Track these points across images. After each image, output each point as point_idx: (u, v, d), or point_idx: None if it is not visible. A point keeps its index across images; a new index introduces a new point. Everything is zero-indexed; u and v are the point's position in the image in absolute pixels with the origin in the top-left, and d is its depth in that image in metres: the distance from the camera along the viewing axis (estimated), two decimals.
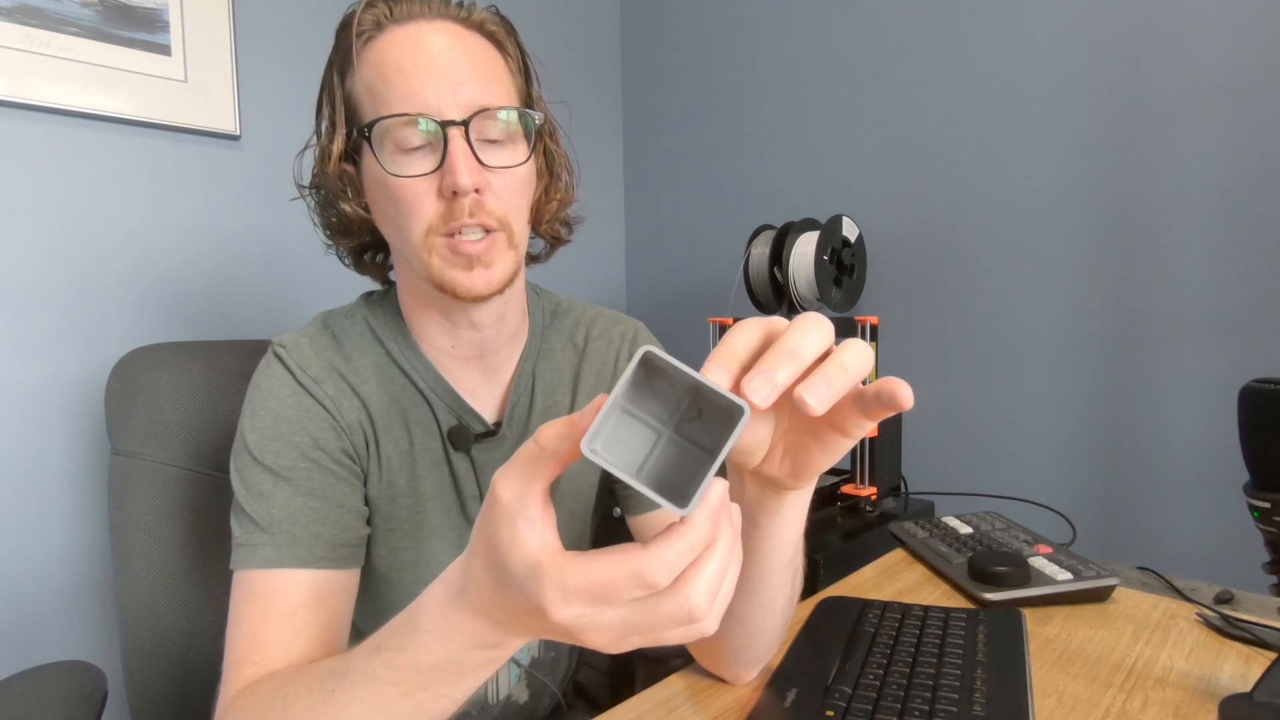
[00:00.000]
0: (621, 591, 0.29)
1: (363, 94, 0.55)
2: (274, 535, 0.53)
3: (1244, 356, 1.04)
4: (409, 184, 0.53)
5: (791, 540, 0.45)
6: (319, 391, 0.58)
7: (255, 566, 0.53)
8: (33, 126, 1.08)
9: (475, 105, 0.53)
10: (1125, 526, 1.15)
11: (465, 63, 0.54)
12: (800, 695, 0.52)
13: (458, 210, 0.53)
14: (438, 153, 0.53)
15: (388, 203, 0.55)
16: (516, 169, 0.56)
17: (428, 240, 0.54)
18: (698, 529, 0.29)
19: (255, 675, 0.48)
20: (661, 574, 0.29)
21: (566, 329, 0.71)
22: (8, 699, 0.62)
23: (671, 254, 1.86)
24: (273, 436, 0.56)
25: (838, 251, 1.27)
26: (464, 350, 0.62)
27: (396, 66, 0.53)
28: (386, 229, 0.58)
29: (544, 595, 0.30)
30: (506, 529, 0.31)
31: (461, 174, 0.51)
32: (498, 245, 0.55)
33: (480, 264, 0.54)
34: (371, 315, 0.64)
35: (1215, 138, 1.05)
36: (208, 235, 1.25)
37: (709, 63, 1.73)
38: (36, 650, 1.10)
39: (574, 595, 0.29)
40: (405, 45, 0.53)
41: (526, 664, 0.69)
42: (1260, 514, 0.59)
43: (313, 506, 0.55)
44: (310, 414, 0.57)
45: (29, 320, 1.09)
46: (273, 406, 0.57)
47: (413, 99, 0.52)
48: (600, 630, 0.30)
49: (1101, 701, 0.52)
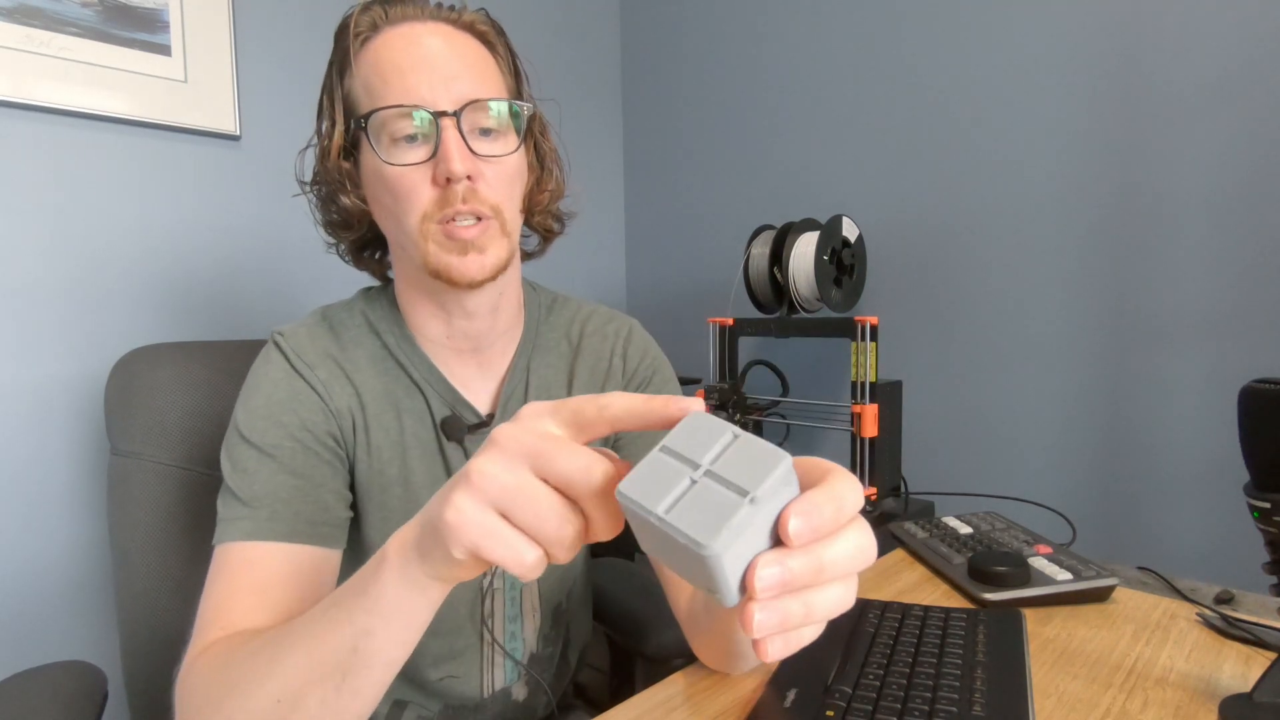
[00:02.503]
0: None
1: (361, 92, 0.57)
2: (255, 509, 0.55)
3: (1244, 356, 1.04)
4: (405, 173, 0.55)
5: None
6: (311, 376, 0.60)
7: (233, 539, 0.54)
8: (33, 126, 1.08)
9: (467, 97, 0.55)
10: (1125, 526, 1.15)
11: (457, 60, 0.57)
12: (800, 695, 0.52)
13: (451, 197, 0.55)
14: (431, 143, 0.55)
15: (385, 193, 0.57)
16: (507, 158, 0.58)
17: (423, 227, 0.56)
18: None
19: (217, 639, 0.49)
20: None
21: (562, 324, 0.72)
22: (8, 699, 0.62)
23: (671, 254, 1.86)
24: (263, 416, 0.58)
25: (838, 251, 1.27)
26: (459, 342, 0.64)
27: (392, 64, 0.55)
28: (384, 221, 0.60)
29: (495, 434, 0.32)
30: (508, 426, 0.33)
31: (454, 161, 0.53)
32: (490, 231, 0.57)
33: (474, 249, 0.56)
34: (369, 308, 0.66)
35: (1215, 137, 1.05)
36: (207, 235, 1.25)
37: (709, 63, 1.73)
38: (36, 650, 1.10)
39: (515, 454, 0.32)
40: (400, 44, 0.56)
41: (525, 661, 0.69)
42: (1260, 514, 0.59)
43: (295, 484, 0.56)
44: (300, 396, 0.59)
45: (29, 320, 1.09)
46: (265, 389, 0.59)
47: (408, 93, 0.54)
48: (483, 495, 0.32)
49: (1101, 701, 0.52)
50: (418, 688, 0.66)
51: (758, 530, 0.27)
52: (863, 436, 1.20)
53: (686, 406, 0.30)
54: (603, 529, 0.31)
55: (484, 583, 0.66)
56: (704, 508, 0.26)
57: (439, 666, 0.65)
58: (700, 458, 0.28)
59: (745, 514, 0.26)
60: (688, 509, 0.27)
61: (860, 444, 1.22)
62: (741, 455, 0.27)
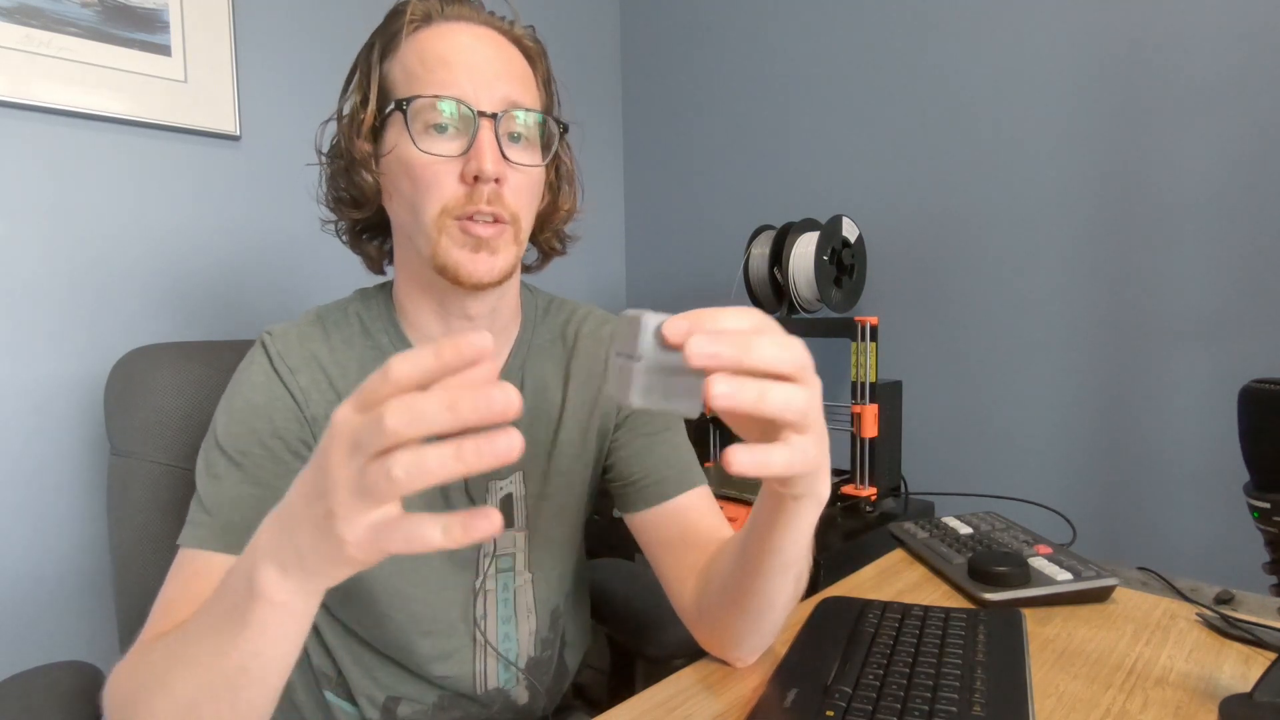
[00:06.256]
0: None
1: (399, 75, 0.58)
2: (212, 518, 0.55)
3: (1244, 356, 1.04)
4: (433, 162, 0.55)
5: (789, 545, 0.47)
6: (291, 381, 0.60)
7: (188, 545, 0.55)
8: (33, 127, 1.08)
9: (508, 101, 0.56)
10: (1125, 526, 1.15)
11: (503, 65, 0.58)
12: (800, 695, 0.52)
13: (476, 196, 0.55)
14: (464, 139, 0.55)
15: (406, 180, 0.57)
16: (533, 169, 0.59)
17: (440, 220, 0.56)
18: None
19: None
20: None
21: (558, 326, 0.72)
22: (7, 699, 0.62)
23: (671, 254, 1.86)
24: (239, 420, 0.58)
25: (838, 251, 1.28)
26: None
27: (439, 55, 0.56)
28: (398, 207, 0.59)
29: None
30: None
31: (487, 160, 0.54)
32: (505, 236, 0.58)
33: (486, 249, 0.57)
34: (364, 308, 0.66)
35: (1215, 137, 1.05)
36: (207, 235, 1.25)
37: (709, 63, 1.73)
38: (36, 650, 1.10)
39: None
40: (450, 39, 0.57)
41: (522, 664, 0.69)
42: (1260, 514, 0.59)
43: (256, 495, 0.56)
44: (276, 401, 0.59)
45: (29, 320, 1.09)
46: (244, 392, 0.59)
47: (452, 86, 0.55)
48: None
49: (1101, 701, 0.52)
50: (411, 685, 0.66)
51: (662, 367, 0.35)
52: (863, 436, 1.20)
53: (461, 346, 0.31)
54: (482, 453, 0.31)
55: (476, 584, 0.66)
56: (622, 377, 0.36)
57: (432, 666, 0.65)
58: (626, 348, 0.36)
59: (639, 367, 0.34)
60: (616, 383, 0.36)
61: (860, 444, 1.22)
62: (625, 331, 0.36)
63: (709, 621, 0.59)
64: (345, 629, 0.66)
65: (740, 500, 1.13)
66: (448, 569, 0.65)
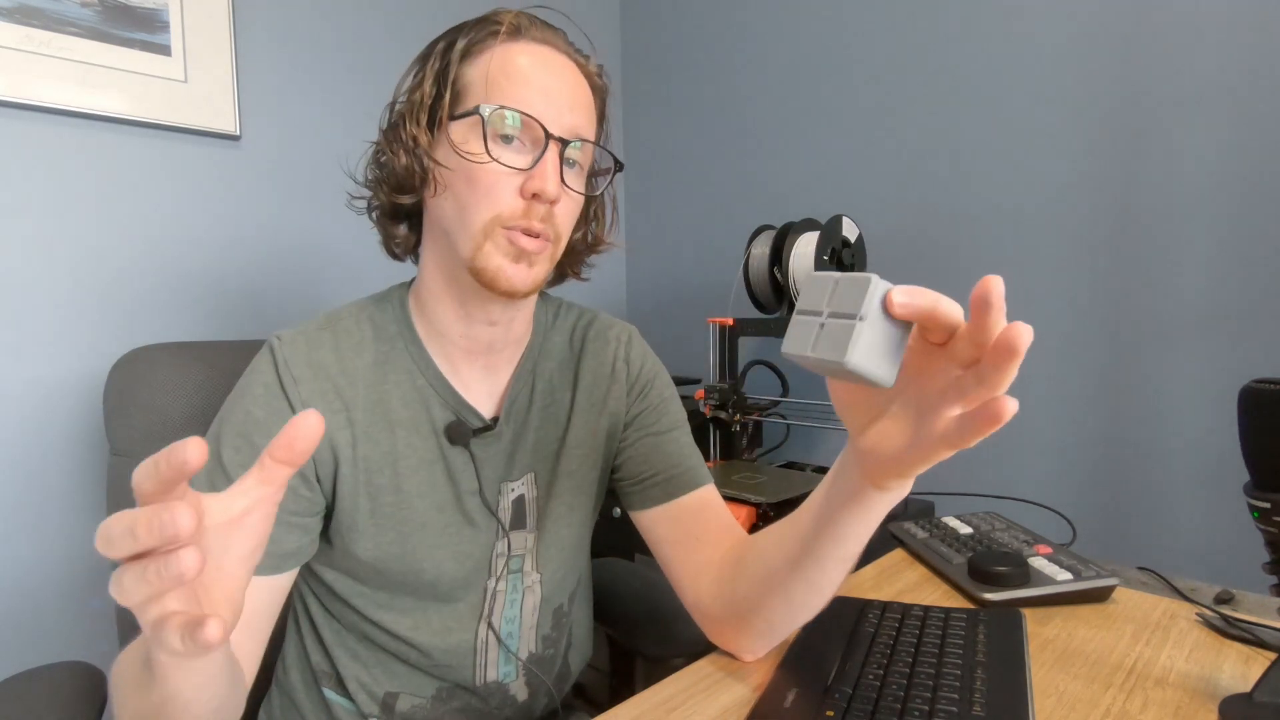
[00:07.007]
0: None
1: (477, 79, 0.59)
2: None
3: (1244, 356, 1.04)
4: (496, 170, 0.57)
5: (857, 536, 0.49)
6: (294, 392, 0.59)
7: None
8: (33, 126, 1.08)
9: (577, 132, 0.60)
10: (1125, 526, 1.15)
11: (578, 95, 0.61)
12: (800, 695, 0.52)
13: (531, 212, 0.58)
14: (529, 156, 0.58)
15: (464, 180, 0.58)
16: (580, 197, 0.63)
17: (490, 226, 0.57)
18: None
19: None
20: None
21: (567, 330, 0.74)
22: (8, 699, 0.62)
23: (671, 254, 1.86)
24: (238, 432, 0.58)
25: (838, 251, 1.27)
26: (472, 343, 0.65)
27: (522, 71, 0.58)
28: (445, 204, 0.60)
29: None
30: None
31: (550, 182, 0.57)
32: (545, 252, 0.60)
33: (526, 261, 0.59)
34: (378, 312, 0.66)
35: (1215, 138, 1.05)
36: (207, 235, 1.25)
37: (709, 63, 1.73)
38: (36, 650, 1.10)
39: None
40: (536, 57, 0.60)
41: (524, 659, 0.69)
42: (1260, 514, 0.59)
43: None
44: (277, 416, 0.59)
45: (28, 320, 1.09)
46: (246, 403, 0.59)
47: (530, 103, 0.57)
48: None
49: (1101, 701, 0.52)
50: (409, 678, 0.66)
51: (880, 332, 0.35)
52: None
53: (185, 451, 0.32)
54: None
55: (489, 584, 0.67)
56: (835, 336, 0.35)
57: (432, 656, 0.65)
58: (820, 306, 0.37)
59: (861, 327, 0.34)
60: (825, 342, 0.36)
61: None
62: (845, 291, 0.36)
63: (738, 613, 0.59)
64: (343, 626, 0.66)
65: (740, 500, 1.13)
66: (463, 571, 0.65)
